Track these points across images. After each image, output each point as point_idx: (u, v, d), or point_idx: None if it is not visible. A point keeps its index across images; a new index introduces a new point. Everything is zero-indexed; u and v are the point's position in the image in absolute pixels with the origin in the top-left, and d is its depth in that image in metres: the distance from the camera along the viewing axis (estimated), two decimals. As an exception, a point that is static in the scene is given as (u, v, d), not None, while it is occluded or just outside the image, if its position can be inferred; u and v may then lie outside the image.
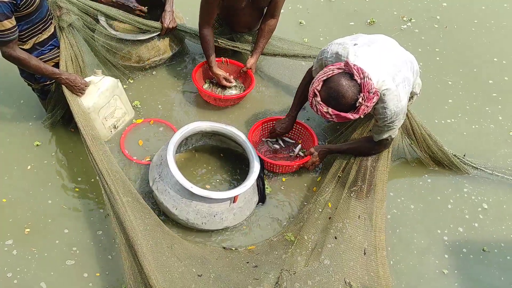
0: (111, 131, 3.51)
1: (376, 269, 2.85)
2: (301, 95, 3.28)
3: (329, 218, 3.02)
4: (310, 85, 2.56)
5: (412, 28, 4.71)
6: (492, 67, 4.42)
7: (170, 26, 3.68)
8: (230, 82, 3.81)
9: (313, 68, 3.03)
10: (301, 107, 3.37)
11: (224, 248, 3.03)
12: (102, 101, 3.29)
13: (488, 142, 3.79)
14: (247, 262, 2.87)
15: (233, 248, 3.02)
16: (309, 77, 3.14)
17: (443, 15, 4.91)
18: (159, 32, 3.71)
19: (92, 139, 2.93)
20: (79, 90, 3.13)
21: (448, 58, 4.46)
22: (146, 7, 3.70)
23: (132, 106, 3.69)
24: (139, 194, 2.87)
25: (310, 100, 2.56)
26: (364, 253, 2.89)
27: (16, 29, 2.80)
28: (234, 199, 2.96)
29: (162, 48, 3.88)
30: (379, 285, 2.80)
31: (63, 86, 3.11)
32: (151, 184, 3.05)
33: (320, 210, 3.06)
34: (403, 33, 4.67)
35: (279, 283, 2.74)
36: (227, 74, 3.83)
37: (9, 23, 2.72)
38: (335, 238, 2.93)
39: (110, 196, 2.73)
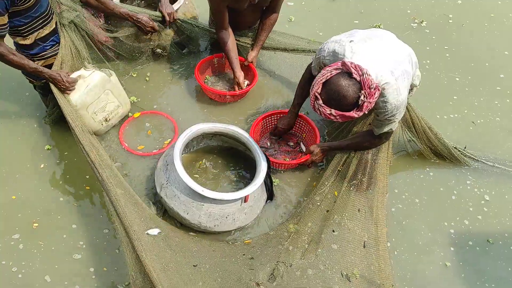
0: (102, 124, 3.47)
1: (377, 261, 2.85)
2: (302, 92, 3.29)
3: (327, 211, 3.03)
4: (310, 89, 2.57)
5: (424, 27, 4.71)
6: (503, 61, 4.41)
7: (169, 11, 3.67)
8: (242, 87, 3.80)
9: (312, 65, 3.06)
10: (302, 102, 3.37)
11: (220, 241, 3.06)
12: (90, 98, 3.26)
13: (495, 135, 3.78)
14: (243, 254, 2.88)
15: (230, 242, 3.04)
16: (308, 74, 3.17)
17: (456, 12, 4.90)
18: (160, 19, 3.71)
19: (81, 132, 2.96)
20: (64, 89, 3.11)
21: (458, 55, 4.44)
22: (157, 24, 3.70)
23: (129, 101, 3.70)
24: (133, 189, 2.93)
25: (312, 104, 2.56)
26: (364, 246, 2.90)
27: (6, 27, 2.81)
28: (245, 199, 2.96)
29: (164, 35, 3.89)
30: (379, 277, 2.80)
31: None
32: (158, 191, 3.05)
33: (318, 204, 3.06)
34: (413, 31, 4.66)
35: (274, 274, 2.76)
36: (244, 80, 3.82)
37: (1, 20, 2.74)
38: (333, 231, 2.94)
39: (103, 185, 2.76)
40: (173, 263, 2.64)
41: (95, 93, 3.27)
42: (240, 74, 3.75)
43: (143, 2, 4.20)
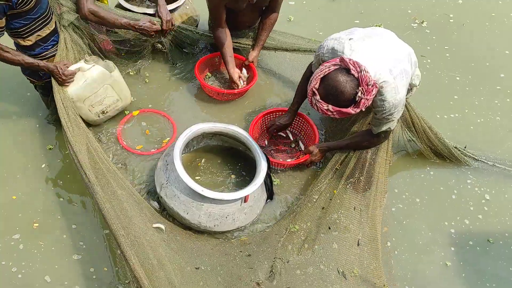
0: (98, 116, 3.45)
1: (369, 260, 2.86)
2: (302, 90, 3.29)
3: (322, 208, 3.04)
4: (308, 84, 2.57)
5: (424, 28, 4.72)
6: (503, 60, 4.42)
7: (168, 18, 3.64)
8: (238, 85, 3.78)
9: (313, 63, 3.06)
10: (302, 101, 3.38)
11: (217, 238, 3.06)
12: (87, 92, 3.23)
13: (495, 135, 3.79)
14: (240, 251, 2.90)
15: (226, 240, 3.05)
16: (309, 73, 3.16)
17: (456, 12, 4.91)
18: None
19: (71, 126, 2.98)
20: (61, 82, 3.10)
21: (458, 54, 4.45)
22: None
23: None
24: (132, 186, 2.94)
25: (310, 99, 2.57)
26: (358, 244, 2.90)
27: (3, 30, 2.83)
28: (245, 199, 2.95)
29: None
30: (373, 275, 2.81)
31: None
32: (158, 191, 3.04)
33: (314, 201, 3.07)
34: (413, 31, 4.67)
35: (273, 271, 2.77)
36: (242, 75, 3.81)
37: None
38: (329, 228, 2.94)
39: (89, 186, 2.75)
40: (175, 264, 2.65)
41: (93, 87, 3.24)
42: (233, 72, 3.73)
43: (152, 4, 4.18)
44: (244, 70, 3.86)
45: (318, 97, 2.51)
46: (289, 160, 3.47)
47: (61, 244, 3.00)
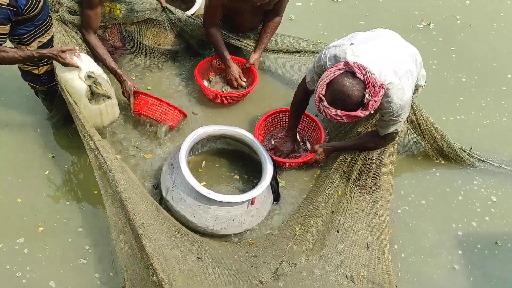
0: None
1: (379, 262, 2.84)
2: (297, 112, 3.31)
3: (332, 212, 3.02)
4: (315, 91, 2.56)
5: (431, 29, 4.71)
6: (510, 61, 4.42)
7: None
8: (241, 85, 3.78)
9: (306, 81, 3.00)
10: (298, 122, 3.39)
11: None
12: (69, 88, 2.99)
13: (502, 136, 3.77)
14: (246, 252, 2.88)
15: (233, 242, 3.03)
16: (301, 94, 3.15)
17: (463, 13, 4.90)
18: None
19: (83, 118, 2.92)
20: (62, 60, 2.89)
21: (464, 55, 4.44)
22: None
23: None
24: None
25: (317, 106, 2.55)
26: (367, 247, 2.88)
27: (6, 38, 2.80)
28: (252, 201, 2.94)
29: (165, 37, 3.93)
30: (382, 278, 2.79)
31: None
32: (164, 194, 3.04)
33: (323, 204, 3.06)
34: (419, 32, 4.66)
35: (277, 273, 2.76)
36: (241, 73, 3.79)
37: (2, 29, 2.72)
38: (337, 231, 2.93)
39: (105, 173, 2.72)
40: (180, 254, 2.65)
41: (71, 92, 3.00)
42: (235, 70, 3.72)
43: None
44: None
45: (325, 103, 2.49)
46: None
47: (66, 249, 2.99)
